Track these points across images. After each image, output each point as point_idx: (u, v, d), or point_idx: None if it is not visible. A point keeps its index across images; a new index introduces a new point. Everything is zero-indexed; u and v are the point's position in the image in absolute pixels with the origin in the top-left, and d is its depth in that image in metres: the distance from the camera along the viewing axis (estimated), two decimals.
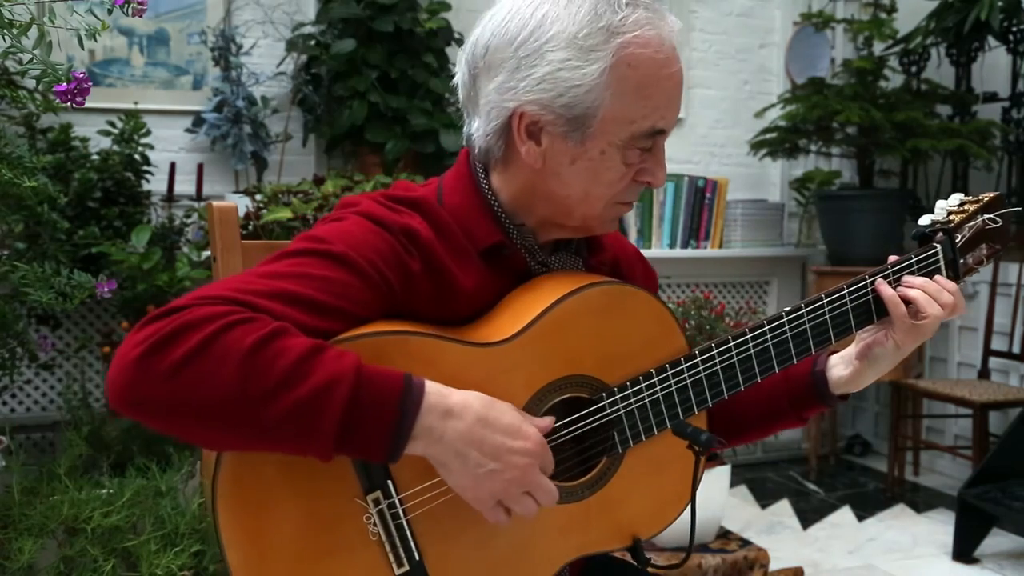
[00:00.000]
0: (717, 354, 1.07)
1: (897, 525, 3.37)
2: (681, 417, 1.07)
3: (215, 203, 1.45)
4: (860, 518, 3.45)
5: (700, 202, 3.82)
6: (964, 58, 3.97)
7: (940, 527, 3.30)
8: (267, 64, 3.35)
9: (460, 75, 1.08)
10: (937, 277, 1.13)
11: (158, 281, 2.60)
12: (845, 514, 3.49)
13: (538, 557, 1.03)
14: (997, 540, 3.10)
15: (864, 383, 1.16)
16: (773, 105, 4.04)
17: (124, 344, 0.84)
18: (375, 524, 0.93)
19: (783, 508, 3.56)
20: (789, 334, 1.09)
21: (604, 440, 1.05)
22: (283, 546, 0.92)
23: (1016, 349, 3.53)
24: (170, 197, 3.11)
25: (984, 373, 3.62)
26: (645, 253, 1.06)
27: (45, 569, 1.67)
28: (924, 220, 1.19)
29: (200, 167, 3.20)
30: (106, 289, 1.74)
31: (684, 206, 3.79)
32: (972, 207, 1.18)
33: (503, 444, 0.91)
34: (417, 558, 0.95)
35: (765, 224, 4.06)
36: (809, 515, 3.47)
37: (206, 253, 2.71)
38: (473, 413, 0.90)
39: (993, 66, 3.94)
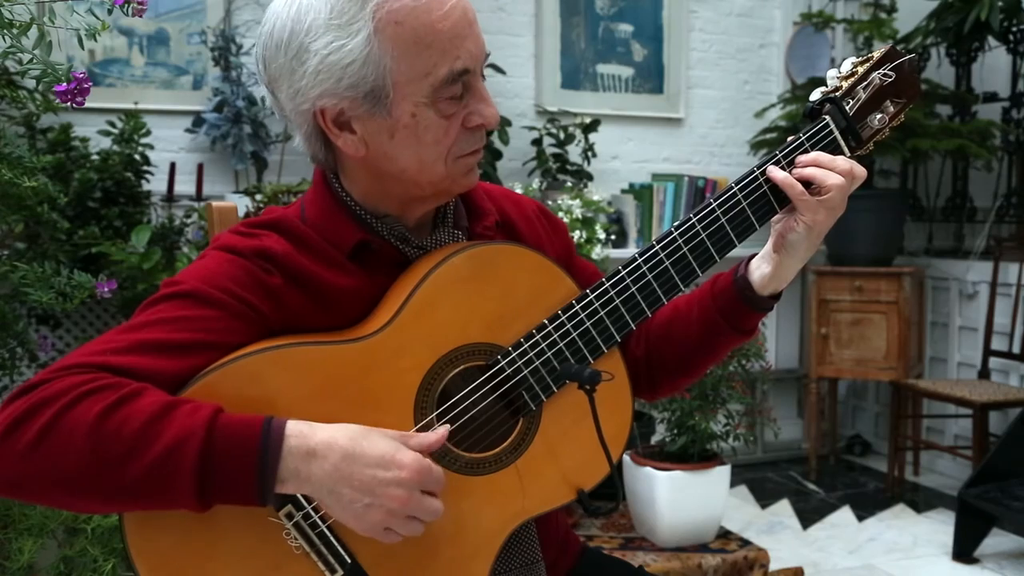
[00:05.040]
0: (611, 286, 1.05)
1: (897, 525, 3.38)
2: (591, 359, 1.05)
3: (215, 203, 1.45)
4: (860, 518, 3.45)
5: (700, 202, 3.81)
6: (964, 58, 3.98)
7: (940, 527, 3.31)
8: None
9: (266, 96, 1.07)
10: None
11: (158, 281, 2.60)
12: (845, 514, 3.49)
13: (479, 533, 1.02)
14: (997, 540, 3.10)
15: (789, 276, 1.13)
16: (773, 105, 4.05)
17: None
18: (295, 538, 0.92)
19: (783, 508, 3.56)
20: (685, 249, 1.07)
21: (515, 401, 1.03)
22: None
23: (1016, 349, 3.53)
24: (170, 197, 3.11)
25: (984, 373, 3.62)
26: None
27: (45, 569, 1.67)
28: (814, 95, 1.13)
29: (200, 167, 3.20)
30: (106, 289, 1.74)
31: (684, 206, 3.79)
32: (863, 67, 1.12)
33: (374, 477, 0.89)
34: (350, 560, 0.94)
35: (765, 224, 4.04)
36: (809, 515, 3.48)
37: None
38: (338, 450, 0.88)
39: (993, 66, 3.94)
